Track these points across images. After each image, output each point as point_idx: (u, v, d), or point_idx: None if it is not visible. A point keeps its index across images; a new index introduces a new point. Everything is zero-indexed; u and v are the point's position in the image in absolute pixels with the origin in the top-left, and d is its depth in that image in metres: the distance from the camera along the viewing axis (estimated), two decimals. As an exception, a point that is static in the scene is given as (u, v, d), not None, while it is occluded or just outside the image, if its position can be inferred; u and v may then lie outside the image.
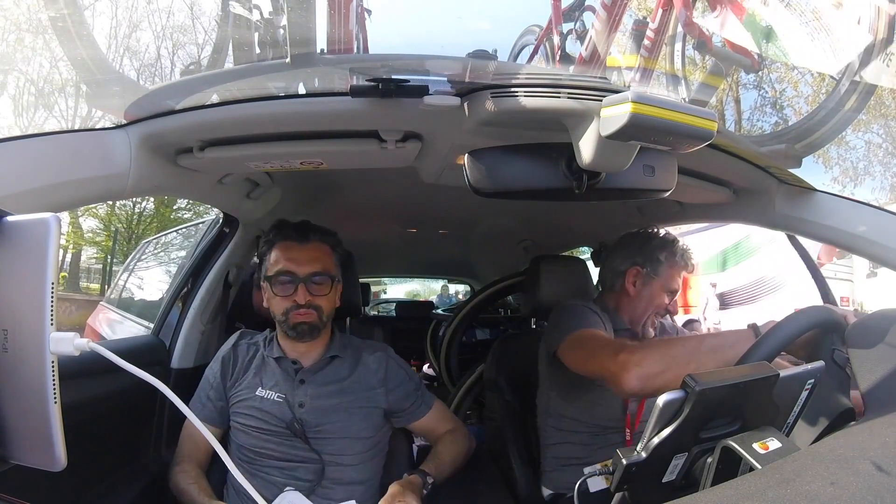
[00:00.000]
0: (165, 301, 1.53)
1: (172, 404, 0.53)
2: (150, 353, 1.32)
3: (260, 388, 1.02)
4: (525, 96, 0.74)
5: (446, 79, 0.84)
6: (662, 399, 0.65)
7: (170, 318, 1.43)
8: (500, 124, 0.79)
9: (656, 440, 0.66)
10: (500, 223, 2.12)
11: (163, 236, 3.55)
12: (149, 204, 12.38)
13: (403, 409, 1.09)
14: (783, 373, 0.72)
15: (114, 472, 1.11)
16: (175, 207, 12.59)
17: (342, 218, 1.92)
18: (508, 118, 0.76)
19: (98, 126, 0.88)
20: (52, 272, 0.44)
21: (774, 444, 0.66)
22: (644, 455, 0.66)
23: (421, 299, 7.57)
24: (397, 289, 9.35)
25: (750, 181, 1.08)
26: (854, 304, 5.97)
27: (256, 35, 1.22)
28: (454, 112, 0.78)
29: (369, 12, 1.66)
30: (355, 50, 1.21)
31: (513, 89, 0.74)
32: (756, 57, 1.27)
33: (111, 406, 1.10)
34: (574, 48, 2.02)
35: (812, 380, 0.77)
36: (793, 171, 1.03)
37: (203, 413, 1.03)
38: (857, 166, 9.42)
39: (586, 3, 1.97)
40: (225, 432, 1.06)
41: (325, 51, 1.04)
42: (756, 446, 0.65)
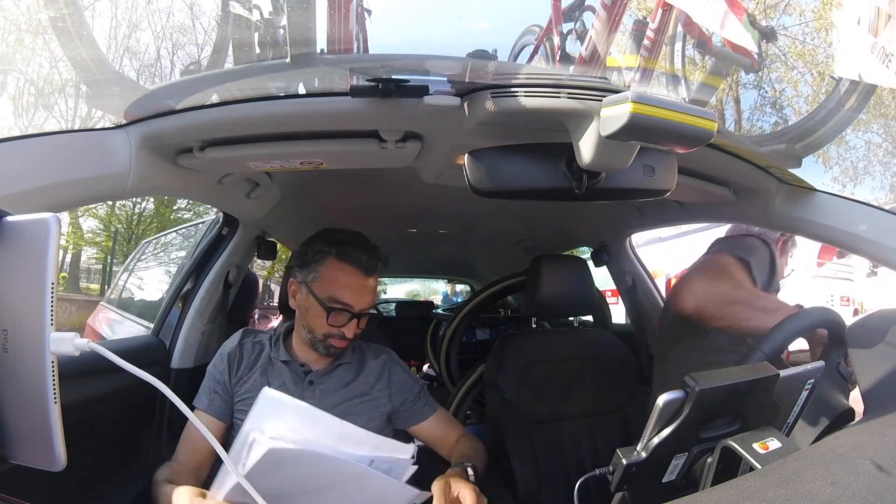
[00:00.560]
0: (165, 301, 1.53)
1: (172, 404, 0.53)
2: (150, 353, 1.32)
3: (266, 389, 1.01)
4: (525, 96, 0.74)
5: (446, 79, 0.84)
6: (662, 399, 0.65)
7: (170, 318, 1.43)
8: (500, 124, 0.79)
9: (656, 440, 0.66)
10: (500, 223, 2.12)
11: (162, 236, 3.54)
12: (149, 204, 12.38)
13: (406, 412, 1.08)
14: (783, 373, 0.72)
15: (114, 472, 1.11)
16: (175, 207, 12.58)
17: (342, 218, 1.92)
18: (508, 118, 0.76)
19: (98, 126, 0.88)
20: (52, 272, 0.44)
21: (774, 444, 0.66)
22: (644, 455, 0.66)
23: (421, 299, 7.57)
24: (397, 289, 9.35)
25: (750, 181, 1.08)
26: (854, 304, 5.95)
27: (256, 35, 1.22)
28: (454, 112, 0.78)
29: (369, 12, 1.66)
30: (355, 50, 1.21)
31: (513, 89, 0.74)
32: (756, 57, 1.27)
33: (111, 406, 1.10)
34: (574, 48, 2.02)
35: (812, 380, 0.77)
36: (793, 171, 1.03)
37: (212, 407, 1.00)
38: (857, 166, 9.43)
39: (586, 3, 1.97)
40: (228, 429, 1.06)
41: (325, 51, 1.04)
42: (756, 446, 0.65)
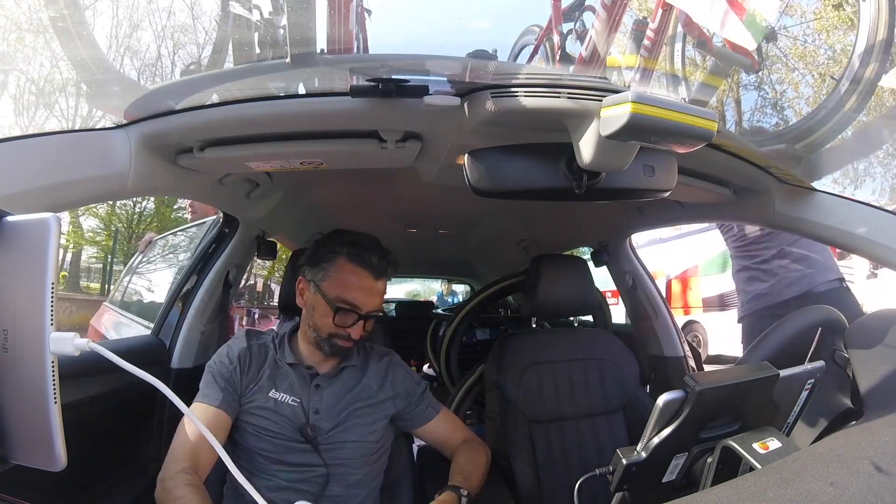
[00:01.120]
0: (165, 301, 1.53)
1: (172, 404, 0.53)
2: (150, 353, 1.32)
3: (273, 391, 0.99)
4: (525, 96, 0.74)
5: (446, 79, 0.84)
6: (662, 399, 0.65)
7: (170, 318, 1.43)
8: (500, 124, 0.79)
9: (656, 440, 0.66)
10: (500, 223, 2.12)
11: (169, 235, 3.53)
12: (149, 204, 12.38)
13: (410, 414, 1.08)
14: (783, 373, 0.72)
15: (114, 472, 1.11)
16: (175, 207, 12.58)
17: (342, 218, 1.92)
18: (508, 118, 0.76)
19: (98, 126, 0.88)
20: (52, 272, 0.44)
21: (774, 444, 0.66)
22: (644, 455, 0.66)
23: (421, 299, 7.56)
24: (397, 289, 9.35)
25: (750, 181, 1.08)
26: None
27: (256, 35, 1.22)
28: (454, 112, 0.78)
29: (369, 12, 1.66)
30: (355, 50, 1.21)
31: (513, 89, 0.74)
32: (756, 57, 1.27)
33: (111, 406, 1.10)
34: (574, 48, 2.02)
35: (812, 380, 0.77)
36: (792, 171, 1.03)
37: (225, 402, 0.96)
38: (858, 167, 9.41)
39: (586, 3, 1.97)
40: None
41: (325, 51, 1.04)
42: (756, 446, 0.65)
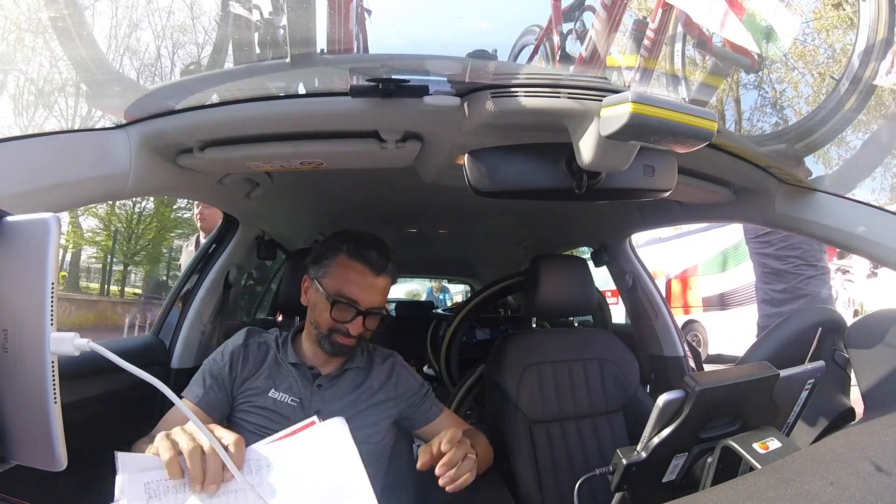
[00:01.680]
0: (166, 301, 1.53)
1: (172, 404, 0.53)
2: (150, 353, 1.32)
3: (273, 391, 0.98)
4: (525, 96, 0.74)
5: (446, 79, 0.84)
6: (662, 399, 0.65)
7: (170, 319, 1.43)
8: (500, 124, 0.79)
9: (656, 440, 0.66)
10: (500, 223, 2.12)
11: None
12: (149, 204, 12.38)
13: (413, 414, 1.08)
14: (783, 373, 0.72)
15: (114, 472, 1.11)
16: (175, 207, 12.59)
17: (342, 218, 1.92)
18: (508, 118, 0.76)
19: (98, 126, 0.88)
20: (52, 272, 0.44)
21: (774, 444, 0.66)
22: (644, 455, 0.66)
23: (421, 299, 7.57)
24: (397, 289, 9.34)
25: (750, 181, 1.08)
26: (854, 305, 5.96)
27: (256, 35, 1.22)
28: (454, 112, 0.78)
29: (369, 12, 1.66)
30: (355, 50, 1.21)
31: (513, 89, 0.74)
32: (756, 57, 1.27)
33: (111, 406, 1.10)
34: (574, 48, 2.02)
35: (812, 380, 0.77)
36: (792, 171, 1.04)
37: (205, 400, 0.96)
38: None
39: (586, 3, 1.97)
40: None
41: (325, 51, 1.04)
42: (756, 446, 0.65)
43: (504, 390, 1.34)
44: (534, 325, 2.25)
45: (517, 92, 0.74)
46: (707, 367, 2.13)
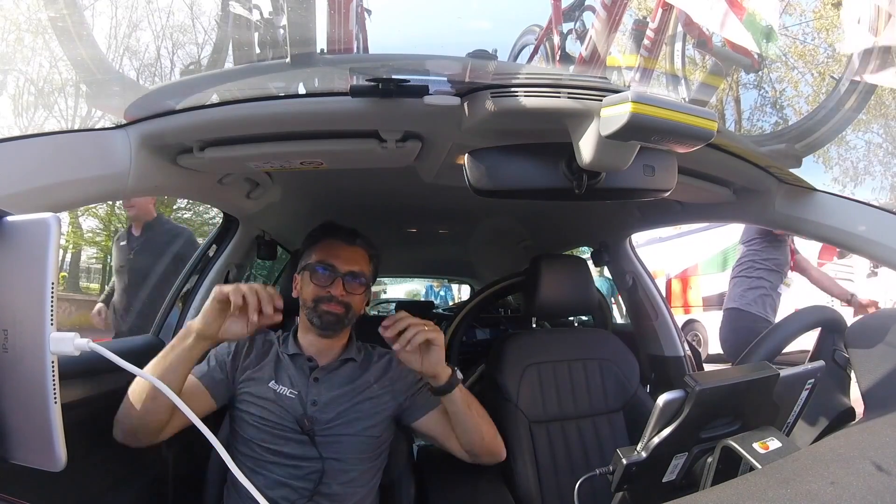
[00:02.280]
0: (166, 301, 1.53)
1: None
2: (150, 353, 1.31)
3: (273, 382, 1.02)
4: (525, 96, 0.74)
5: (446, 79, 0.84)
6: (662, 399, 0.65)
7: (170, 319, 1.43)
8: (500, 124, 0.79)
9: (656, 440, 0.66)
10: (500, 223, 2.12)
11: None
12: (149, 204, 12.37)
13: (410, 405, 1.08)
14: (783, 373, 0.72)
15: (114, 472, 1.11)
16: (175, 207, 12.58)
17: (342, 218, 1.92)
18: (508, 118, 0.76)
19: (98, 126, 0.88)
20: (52, 272, 0.44)
21: (774, 444, 0.66)
22: (644, 455, 0.66)
23: (421, 299, 7.56)
24: (397, 289, 9.35)
25: (750, 181, 1.08)
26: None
27: (256, 35, 1.22)
28: (454, 112, 0.78)
29: (369, 12, 1.66)
30: (355, 50, 1.21)
31: (513, 89, 0.74)
32: (756, 57, 1.27)
33: (111, 406, 1.09)
34: (574, 48, 2.02)
35: (812, 380, 0.77)
36: (793, 171, 1.03)
37: (207, 378, 1.01)
38: (858, 166, 9.42)
39: (586, 3, 1.97)
40: (220, 414, 1.05)
41: (325, 51, 1.04)
42: (756, 446, 0.65)
43: (504, 390, 1.34)
44: (534, 325, 2.25)
45: (517, 92, 0.74)
46: (707, 367, 2.14)
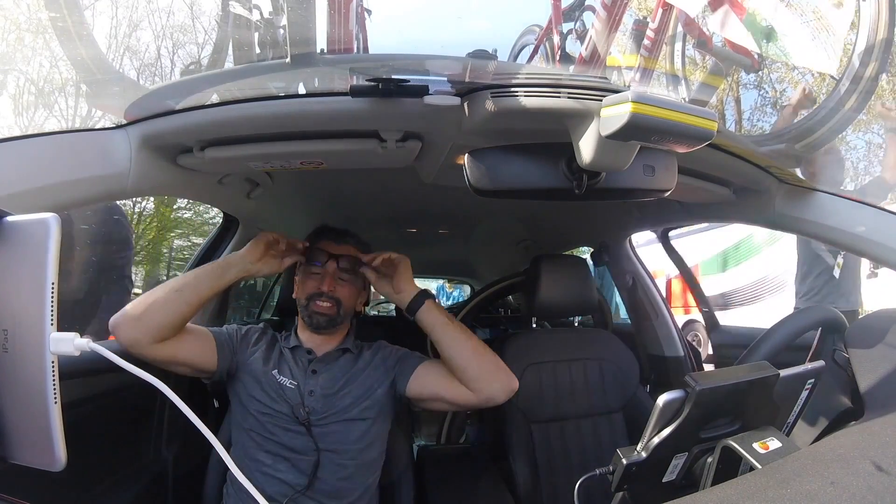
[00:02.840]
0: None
1: (172, 404, 0.53)
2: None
3: (276, 372, 1.06)
4: (525, 96, 0.74)
5: (446, 79, 0.84)
6: (662, 399, 0.65)
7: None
8: (500, 124, 0.79)
9: (656, 440, 0.66)
10: (500, 223, 2.12)
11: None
12: (149, 204, 12.36)
13: (400, 371, 1.09)
14: (783, 373, 0.72)
15: (114, 472, 1.11)
16: (175, 207, 12.57)
17: (342, 218, 1.92)
18: (508, 118, 0.76)
19: (98, 126, 0.88)
20: (52, 272, 0.44)
21: (775, 444, 0.66)
22: (644, 455, 0.66)
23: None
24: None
25: (750, 181, 1.08)
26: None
27: (256, 35, 1.22)
28: (454, 112, 0.78)
29: (369, 12, 1.66)
30: (355, 50, 1.21)
31: (513, 89, 0.74)
32: (756, 57, 1.27)
33: (111, 406, 1.10)
34: (574, 48, 2.02)
35: (812, 380, 0.77)
36: (792, 171, 1.04)
37: (218, 335, 1.06)
38: (858, 166, 9.42)
39: (586, 3, 1.97)
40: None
41: (325, 51, 1.04)
42: (756, 446, 0.65)
43: (504, 390, 1.34)
44: (534, 325, 2.25)
45: (517, 92, 0.74)
46: (707, 367, 2.13)
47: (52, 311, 0.44)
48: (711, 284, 6.99)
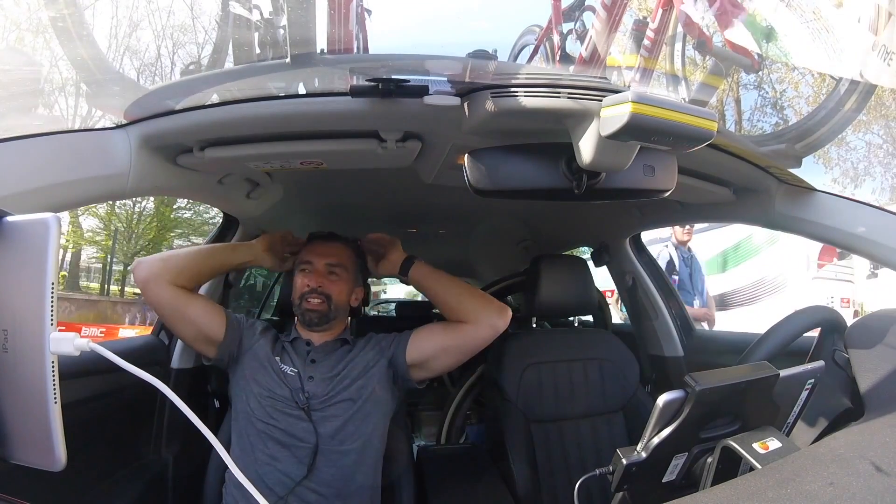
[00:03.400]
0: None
1: (172, 404, 0.53)
2: (150, 353, 1.32)
3: (278, 358, 1.11)
4: (525, 96, 0.74)
5: (446, 79, 0.84)
6: (662, 399, 0.65)
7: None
8: (500, 124, 0.79)
9: (656, 440, 0.66)
10: (500, 223, 2.12)
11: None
12: (149, 203, 12.37)
13: (394, 351, 1.13)
14: (783, 373, 0.72)
15: (114, 472, 1.11)
16: (175, 207, 12.58)
17: (342, 218, 1.92)
18: (508, 118, 0.76)
19: (98, 126, 0.88)
20: (52, 272, 0.44)
21: (774, 444, 0.66)
22: (644, 455, 0.66)
23: (421, 299, 7.55)
24: (397, 289, 9.34)
25: (750, 181, 1.08)
26: (854, 305, 5.96)
27: (256, 35, 1.22)
28: (454, 112, 0.78)
29: (369, 12, 1.66)
30: (355, 50, 1.22)
31: (513, 89, 0.74)
32: (756, 57, 1.27)
33: (111, 406, 1.10)
34: (574, 48, 2.02)
35: (812, 380, 0.77)
36: (792, 171, 1.03)
37: (230, 315, 1.13)
38: (858, 167, 9.41)
39: (586, 3, 1.98)
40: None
41: (325, 51, 1.04)
42: (756, 446, 0.65)
43: (504, 390, 1.34)
44: (534, 325, 2.25)
45: (517, 92, 0.74)
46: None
47: (52, 311, 0.44)
48: (711, 284, 7.00)
